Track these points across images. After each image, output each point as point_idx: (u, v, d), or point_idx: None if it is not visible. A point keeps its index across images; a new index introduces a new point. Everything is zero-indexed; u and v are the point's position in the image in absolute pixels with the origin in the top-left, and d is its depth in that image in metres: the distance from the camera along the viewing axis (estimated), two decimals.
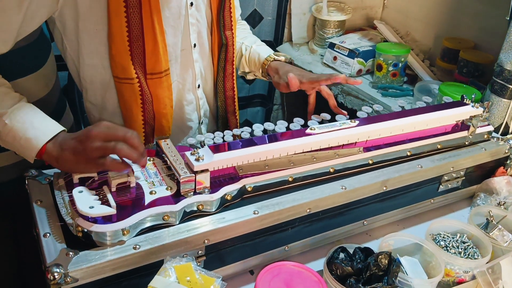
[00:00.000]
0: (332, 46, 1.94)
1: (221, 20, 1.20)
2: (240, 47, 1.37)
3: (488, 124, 1.25)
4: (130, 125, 1.16)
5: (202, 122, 1.31)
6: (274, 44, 2.14)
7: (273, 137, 1.01)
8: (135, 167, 0.93)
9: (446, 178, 1.16)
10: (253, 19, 2.03)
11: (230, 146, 0.95)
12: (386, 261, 0.88)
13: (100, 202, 0.83)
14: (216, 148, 0.93)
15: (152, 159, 0.98)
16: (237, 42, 1.34)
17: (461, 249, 1.02)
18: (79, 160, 0.86)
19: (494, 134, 1.27)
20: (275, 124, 1.08)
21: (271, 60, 1.30)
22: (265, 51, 1.34)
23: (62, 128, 0.92)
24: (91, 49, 1.07)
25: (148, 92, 1.12)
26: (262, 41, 2.07)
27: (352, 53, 1.86)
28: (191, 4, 1.14)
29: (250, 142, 0.98)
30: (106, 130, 0.85)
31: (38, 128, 0.89)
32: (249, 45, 1.36)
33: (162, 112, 1.17)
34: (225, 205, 0.92)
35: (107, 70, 1.10)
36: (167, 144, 0.98)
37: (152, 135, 1.19)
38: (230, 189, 0.92)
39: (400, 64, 1.79)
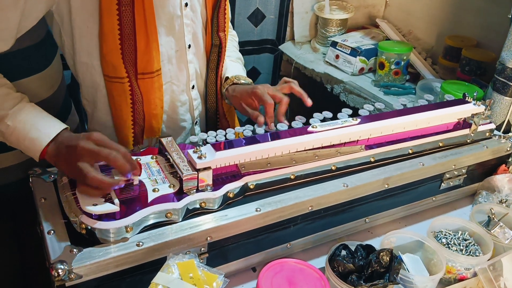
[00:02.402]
0: (334, 44, 1.94)
1: (215, 21, 1.19)
2: None
3: (490, 122, 1.25)
4: (119, 125, 1.16)
5: (196, 122, 1.30)
6: (276, 42, 2.15)
7: (275, 135, 1.01)
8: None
9: (447, 176, 1.16)
10: (256, 18, 2.03)
11: (232, 144, 0.96)
12: (388, 258, 0.89)
13: (103, 199, 0.83)
14: (218, 146, 0.94)
15: (155, 157, 0.98)
16: None
17: (463, 246, 1.02)
18: (69, 169, 0.87)
19: (496, 132, 1.27)
20: (277, 122, 1.08)
21: (230, 83, 1.25)
22: (233, 70, 1.29)
23: (63, 126, 0.92)
24: (83, 46, 1.07)
25: (138, 92, 1.12)
26: (264, 40, 2.11)
27: (355, 52, 1.86)
28: (186, 4, 1.13)
29: (252, 140, 0.98)
30: (92, 147, 0.84)
31: (41, 128, 0.90)
32: (226, 58, 1.32)
33: (153, 113, 1.16)
34: (227, 202, 0.93)
35: (98, 70, 1.09)
36: (170, 142, 0.98)
37: (142, 135, 1.19)
38: (232, 187, 0.93)
39: (402, 63, 1.79)
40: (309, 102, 1.14)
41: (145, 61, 1.09)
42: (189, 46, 1.18)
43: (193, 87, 1.24)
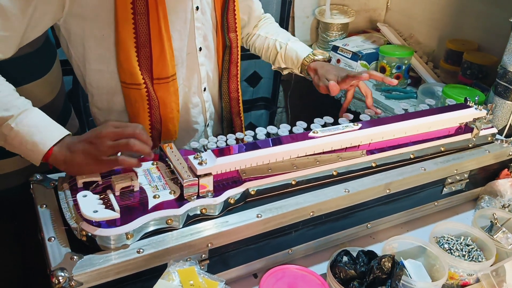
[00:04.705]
0: (335, 49, 1.94)
1: (225, 22, 1.21)
2: (274, 44, 1.38)
3: (492, 127, 1.24)
4: None
5: (208, 124, 1.32)
6: None
7: (276, 140, 1.01)
8: (138, 170, 0.93)
9: (450, 180, 1.16)
10: None
11: (233, 150, 0.96)
12: (390, 264, 0.88)
13: (104, 206, 0.83)
14: (219, 152, 0.94)
15: (155, 163, 0.98)
16: (269, 38, 1.37)
17: (465, 252, 1.01)
18: (90, 161, 0.88)
19: (498, 136, 1.27)
20: (279, 127, 1.08)
21: (310, 61, 1.31)
22: (302, 50, 1.35)
23: (68, 132, 0.92)
24: (97, 55, 1.08)
25: (155, 97, 1.13)
26: None
27: (356, 56, 1.86)
28: (197, 8, 1.14)
29: (253, 145, 0.98)
30: (114, 129, 0.88)
31: (44, 132, 0.90)
32: (283, 42, 1.37)
33: (169, 117, 1.18)
34: (228, 208, 0.92)
35: (114, 75, 1.11)
36: (171, 148, 0.98)
37: (159, 139, 1.20)
38: (233, 193, 0.92)
39: (404, 67, 1.79)
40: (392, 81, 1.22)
41: (160, 67, 1.10)
42: (200, 48, 1.19)
43: (204, 89, 1.25)
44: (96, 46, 1.06)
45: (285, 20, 2.08)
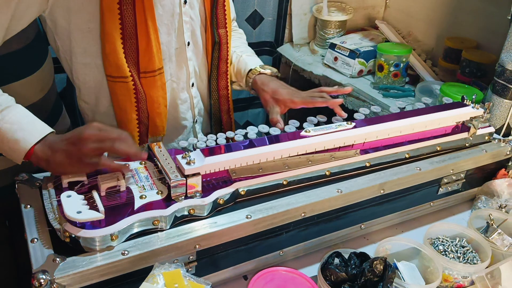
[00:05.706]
0: (333, 46, 1.92)
1: (214, 18, 1.19)
2: (231, 55, 1.32)
3: (489, 126, 1.22)
4: (124, 125, 1.14)
5: (196, 121, 1.30)
6: (274, 44, 2.13)
7: (268, 139, 0.99)
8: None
9: (446, 180, 1.14)
10: (254, 20, 2.01)
11: (223, 149, 0.94)
12: (381, 267, 0.86)
13: (88, 207, 0.81)
14: (208, 151, 0.92)
15: (143, 162, 0.96)
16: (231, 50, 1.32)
17: (460, 253, 0.99)
18: (72, 162, 0.85)
19: (495, 135, 1.24)
20: (271, 126, 1.06)
21: (256, 73, 1.26)
22: (253, 62, 1.30)
23: (51, 130, 0.90)
24: (83, 48, 1.06)
25: (142, 91, 1.11)
26: (262, 42, 2.09)
27: (353, 54, 1.84)
28: (185, 2, 1.13)
29: (244, 145, 0.96)
30: (98, 132, 0.85)
31: (27, 129, 0.88)
32: (240, 55, 1.32)
33: (156, 112, 1.16)
34: (217, 209, 0.90)
35: (100, 69, 1.09)
36: (159, 147, 0.96)
37: (147, 135, 1.18)
38: (222, 193, 0.90)
39: (402, 65, 1.77)
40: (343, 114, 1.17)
41: (146, 60, 1.08)
42: (188, 43, 1.18)
43: (192, 84, 1.24)
44: (82, 39, 1.05)
45: (282, 17, 2.06)
